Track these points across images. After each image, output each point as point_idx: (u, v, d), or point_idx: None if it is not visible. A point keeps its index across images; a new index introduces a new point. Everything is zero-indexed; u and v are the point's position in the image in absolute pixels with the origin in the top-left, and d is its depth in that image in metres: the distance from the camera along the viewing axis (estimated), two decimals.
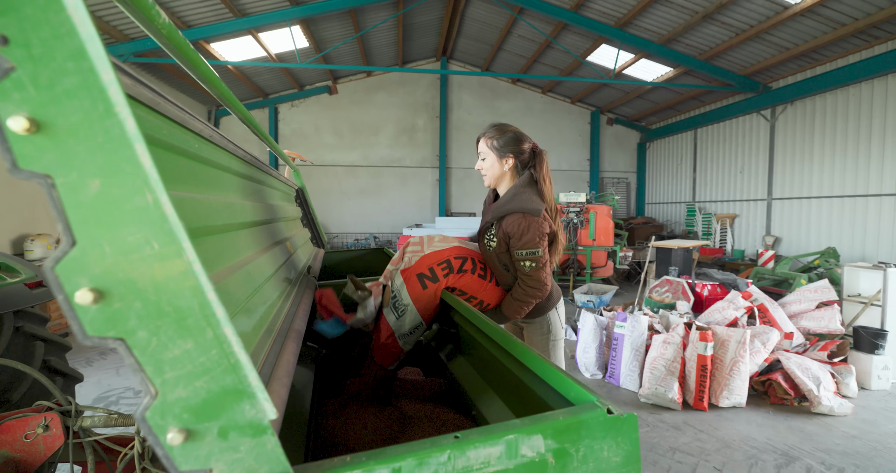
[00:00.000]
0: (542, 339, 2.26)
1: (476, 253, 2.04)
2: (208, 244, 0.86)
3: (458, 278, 1.93)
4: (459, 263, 1.93)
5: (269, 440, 0.53)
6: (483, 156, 2.15)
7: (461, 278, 1.94)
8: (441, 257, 1.92)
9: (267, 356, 0.93)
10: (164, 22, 0.77)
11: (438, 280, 1.86)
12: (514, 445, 0.67)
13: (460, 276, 1.93)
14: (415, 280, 1.85)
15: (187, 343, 0.49)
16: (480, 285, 2.01)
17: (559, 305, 2.30)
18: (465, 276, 1.95)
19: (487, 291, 2.05)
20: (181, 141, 0.86)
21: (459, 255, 1.95)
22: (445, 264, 1.90)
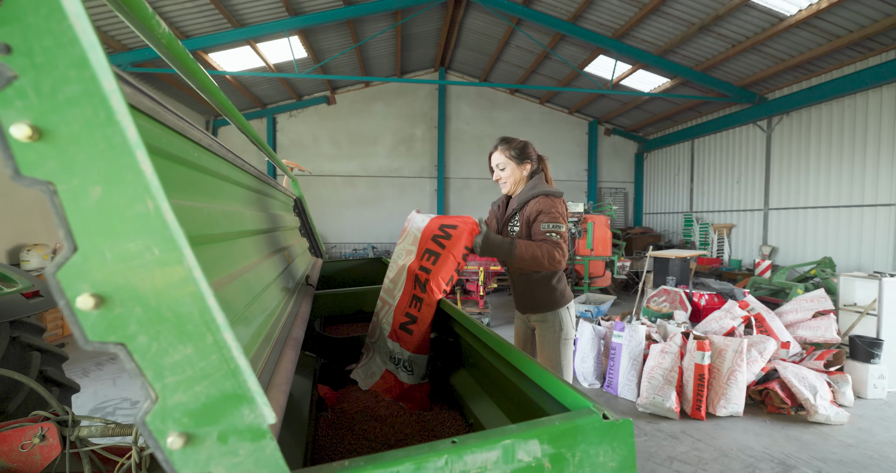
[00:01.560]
0: (553, 337, 2.37)
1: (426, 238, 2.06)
2: (208, 252, 0.87)
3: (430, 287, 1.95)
4: (424, 277, 1.96)
5: (268, 444, 0.54)
6: (503, 166, 2.44)
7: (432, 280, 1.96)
8: (407, 298, 1.97)
9: (266, 363, 0.93)
10: (163, 32, 0.78)
11: (421, 312, 1.91)
12: (510, 450, 0.67)
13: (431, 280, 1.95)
14: (402, 334, 1.92)
15: (187, 348, 0.50)
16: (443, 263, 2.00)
17: (570, 305, 2.44)
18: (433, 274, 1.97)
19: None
20: (181, 150, 0.87)
21: (414, 271, 1.99)
22: (417, 290, 1.95)
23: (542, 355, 2.41)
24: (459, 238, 1.99)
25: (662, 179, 15.85)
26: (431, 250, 1.99)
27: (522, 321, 2.60)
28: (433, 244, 2.00)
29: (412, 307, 1.92)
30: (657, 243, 14.00)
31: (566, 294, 2.42)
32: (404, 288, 1.97)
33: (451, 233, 2.01)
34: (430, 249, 1.99)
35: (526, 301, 2.46)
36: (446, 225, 2.04)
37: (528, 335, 2.59)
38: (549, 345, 2.38)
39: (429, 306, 1.90)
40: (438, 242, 1.99)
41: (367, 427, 1.56)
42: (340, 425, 1.58)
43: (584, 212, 9.49)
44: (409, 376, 1.88)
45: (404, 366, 1.88)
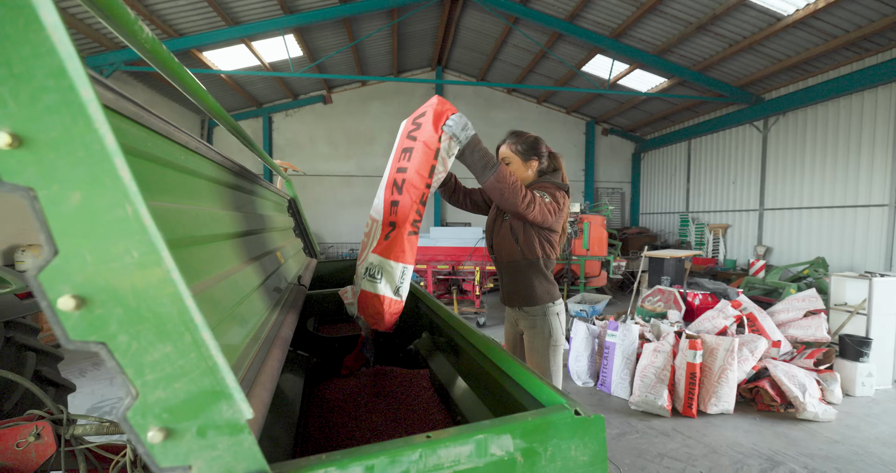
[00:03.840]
0: (543, 344, 2.28)
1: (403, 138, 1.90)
2: (192, 254, 0.89)
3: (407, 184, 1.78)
4: (402, 178, 1.78)
5: (245, 438, 0.56)
6: (507, 161, 2.33)
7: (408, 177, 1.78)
8: (388, 206, 1.80)
9: (252, 362, 0.95)
10: (147, 36, 0.80)
11: (398, 215, 1.76)
12: (483, 444, 0.70)
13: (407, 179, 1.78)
14: (382, 242, 1.78)
15: (166, 347, 0.52)
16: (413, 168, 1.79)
17: (560, 312, 2.35)
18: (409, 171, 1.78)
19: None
20: (165, 153, 0.89)
21: (392, 175, 1.83)
22: (394, 194, 1.79)
23: (531, 361, 2.32)
24: (429, 122, 1.78)
25: (659, 179, 15.90)
26: (406, 148, 1.83)
27: (511, 325, 2.50)
28: (407, 141, 1.84)
29: (392, 214, 1.77)
30: (653, 243, 14.05)
31: (553, 292, 2.32)
32: (384, 197, 1.82)
33: (420, 122, 1.82)
34: (405, 147, 1.83)
35: (513, 293, 2.34)
36: (417, 116, 1.86)
37: (518, 340, 2.49)
38: (537, 352, 2.29)
39: (404, 207, 1.75)
40: (412, 136, 1.82)
41: (356, 423, 1.58)
42: (331, 420, 1.61)
43: (580, 212, 9.52)
44: (373, 283, 1.75)
45: (370, 274, 1.76)
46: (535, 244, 2.23)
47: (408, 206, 1.75)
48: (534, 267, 2.26)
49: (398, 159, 1.84)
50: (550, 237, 2.26)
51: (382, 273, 1.76)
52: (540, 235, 2.24)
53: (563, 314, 2.36)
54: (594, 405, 4.33)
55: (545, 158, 2.38)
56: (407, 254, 1.77)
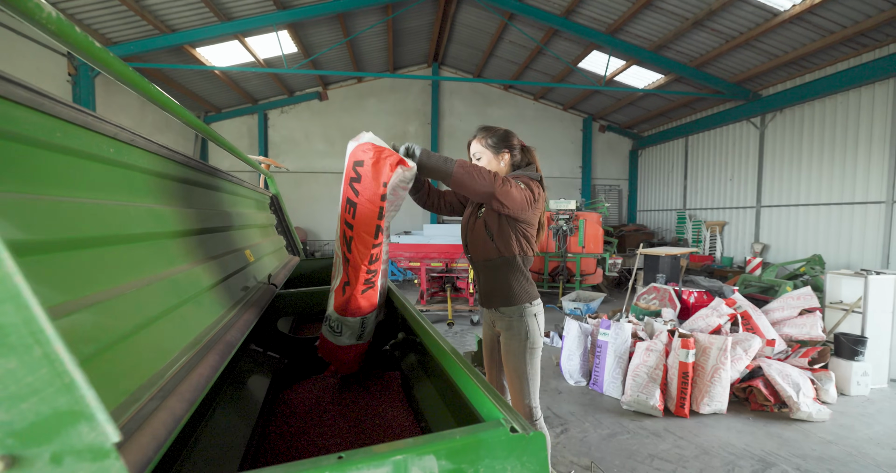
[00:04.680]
0: (519, 346, 2.22)
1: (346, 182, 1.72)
2: (92, 255, 0.82)
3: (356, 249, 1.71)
4: (349, 235, 1.71)
5: (112, 464, 0.49)
6: (479, 155, 2.29)
7: (356, 244, 1.71)
8: (340, 247, 1.75)
9: (178, 371, 0.88)
10: (49, 15, 0.73)
11: (349, 275, 1.73)
12: (402, 466, 0.63)
13: (355, 246, 1.71)
14: (337, 292, 1.77)
15: (10, 362, 0.45)
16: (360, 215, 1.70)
17: (539, 313, 2.28)
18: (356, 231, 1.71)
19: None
20: (80, 143, 0.82)
21: (341, 225, 1.74)
22: (344, 248, 1.73)
23: (508, 364, 2.25)
24: (369, 177, 1.62)
25: (656, 176, 15.83)
26: (350, 200, 1.67)
27: (489, 326, 2.44)
28: (350, 191, 1.67)
29: (346, 266, 1.72)
30: (650, 241, 14.01)
31: (532, 292, 2.25)
32: (340, 245, 1.74)
33: (360, 173, 1.63)
34: (349, 198, 1.67)
35: (490, 293, 2.27)
36: (356, 161, 1.66)
37: (495, 342, 2.43)
38: (514, 355, 2.22)
39: (355, 268, 1.69)
40: (354, 187, 1.65)
41: (320, 430, 1.52)
42: (294, 426, 1.54)
43: (575, 209, 9.45)
44: (334, 336, 1.76)
45: (330, 325, 1.76)
46: (512, 241, 2.16)
47: (357, 266, 1.69)
48: (510, 265, 2.19)
49: (344, 209, 1.70)
50: (527, 232, 2.20)
51: (343, 327, 1.75)
52: (516, 230, 2.17)
53: (542, 315, 2.29)
54: (586, 405, 4.27)
55: (517, 151, 2.32)
56: (364, 307, 1.75)
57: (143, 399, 0.74)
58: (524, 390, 2.25)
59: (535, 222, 2.22)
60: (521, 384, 2.24)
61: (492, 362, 2.50)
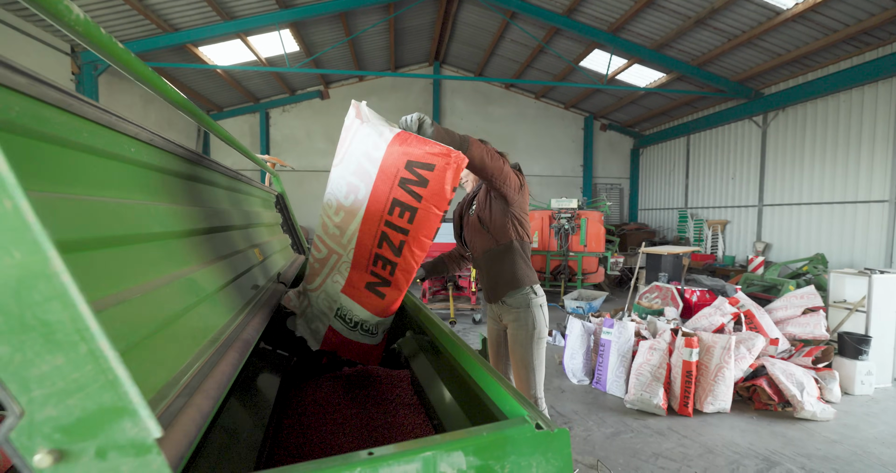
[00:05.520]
0: (526, 336, 2.31)
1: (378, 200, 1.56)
2: (125, 254, 0.83)
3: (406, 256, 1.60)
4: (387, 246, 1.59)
5: (154, 459, 0.50)
6: None
7: (409, 252, 1.59)
8: (366, 252, 1.62)
9: (201, 368, 0.90)
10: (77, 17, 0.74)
11: (390, 284, 1.64)
12: (431, 462, 0.64)
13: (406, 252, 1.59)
14: (366, 295, 1.67)
15: (57, 359, 0.46)
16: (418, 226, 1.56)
17: (544, 305, 2.38)
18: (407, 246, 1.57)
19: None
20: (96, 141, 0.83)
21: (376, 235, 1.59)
22: (380, 261, 1.61)
23: (515, 354, 2.35)
24: (440, 184, 1.46)
25: (658, 175, 15.82)
26: (403, 203, 1.50)
27: (495, 322, 2.54)
28: (403, 194, 1.49)
29: (380, 267, 1.61)
30: (651, 240, 14.01)
31: (533, 276, 2.38)
32: (358, 240, 1.60)
33: (427, 177, 1.46)
34: (399, 200, 1.50)
35: (495, 283, 2.36)
36: (417, 163, 1.47)
37: (501, 337, 2.54)
38: (521, 344, 2.32)
39: (405, 272, 1.60)
40: (411, 190, 1.48)
41: (332, 428, 1.52)
42: (306, 424, 1.55)
43: (577, 208, 9.46)
44: (369, 337, 1.73)
45: (363, 328, 1.71)
46: (508, 227, 2.29)
47: (410, 269, 1.60)
48: (511, 250, 2.31)
49: (386, 210, 1.53)
50: (521, 217, 2.32)
51: (380, 327, 1.74)
52: (510, 216, 2.28)
53: (546, 307, 2.39)
54: (589, 404, 4.28)
55: None
56: (397, 304, 1.72)
57: (170, 396, 0.75)
58: (530, 380, 2.34)
59: (526, 208, 2.33)
60: (528, 375, 2.33)
61: (497, 358, 2.58)
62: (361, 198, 1.57)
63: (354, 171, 1.59)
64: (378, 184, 1.53)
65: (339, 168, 1.66)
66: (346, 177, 1.62)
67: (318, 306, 1.80)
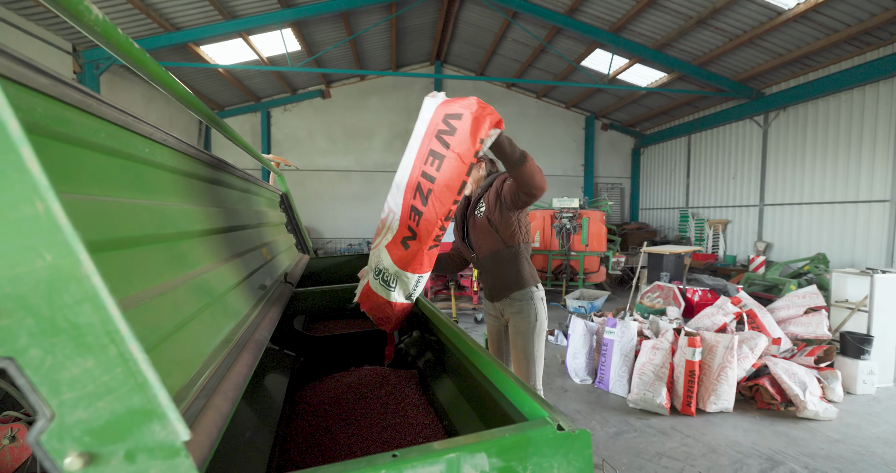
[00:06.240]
0: (528, 327, 2.40)
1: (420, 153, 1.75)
2: (144, 254, 0.83)
3: (431, 206, 1.69)
4: (419, 196, 1.71)
5: (182, 462, 0.50)
6: None
7: (434, 203, 1.68)
8: (405, 210, 1.77)
9: (217, 369, 0.89)
10: (96, 18, 0.74)
11: (417, 236, 1.74)
12: (455, 464, 0.64)
13: (431, 201, 1.68)
14: (399, 249, 1.79)
15: (87, 362, 0.46)
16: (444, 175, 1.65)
17: (543, 298, 2.50)
18: (434, 194, 1.67)
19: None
20: (115, 143, 0.83)
21: (412, 187, 1.74)
22: (412, 213, 1.74)
23: (517, 346, 2.43)
24: (466, 131, 1.54)
25: (659, 174, 15.82)
26: (435, 152, 1.63)
27: (495, 319, 2.62)
28: (437, 143, 1.63)
29: (413, 221, 1.70)
30: (653, 239, 14.01)
31: (536, 276, 2.49)
32: (404, 195, 1.73)
33: (454, 125, 1.58)
34: (433, 149, 1.64)
35: (500, 284, 2.46)
36: (450, 114, 1.61)
37: (502, 333, 2.62)
38: (522, 336, 2.40)
39: (428, 222, 1.65)
40: (442, 139, 1.61)
41: (341, 429, 1.52)
42: (315, 425, 1.55)
43: (579, 207, 9.46)
44: (386, 290, 1.78)
45: (384, 279, 1.78)
46: (516, 230, 2.38)
47: (432, 221, 1.66)
48: (517, 253, 2.41)
49: (423, 160, 1.68)
50: (525, 220, 2.44)
51: (398, 282, 1.78)
52: (518, 220, 2.38)
53: (544, 301, 2.51)
54: (592, 403, 4.28)
55: (488, 162, 2.58)
56: (425, 265, 1.79)
57: (188, 398, 0.75)
58: (530, 371, 2.41)
59: (527, 210, 2.44)
60: (528, 366, 2.41)
61: (498, 355, 2.68)
62: (412, 155, 1.74)
63: (414, 135, 1.79)
64: (424, 140, 1.70)
65: (413, 136, 1.82)
66: (410, 143, 1.83)
67: (370, 262, 1.91)
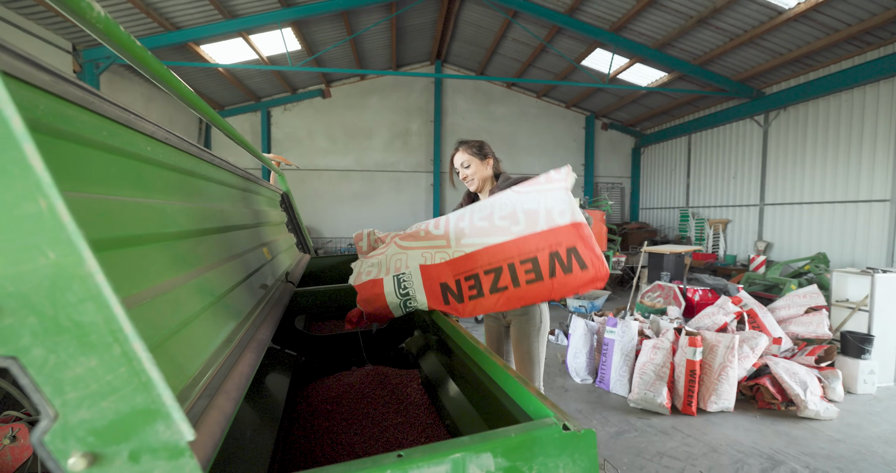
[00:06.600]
0: (533, 328, 2.41)
1: (523, 246, 1.65)
2: (146, 253, 0.82)
3: (495, 299, 1.68)
4: (491, 279, 1.67)
5: (187, 462, 0.50)
6: (467, 164, 2.53)
7: (499, 300, 1.68)
8: (469, 266, 1.71)
9: (219, 369, 0.89)
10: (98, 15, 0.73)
11: (463, 301, 1.71)
12: (461, 464, 0.63)
13: (497, 297, 1.67)
14: (436, 290, 1.75)
15: (91, 361, 0.45)
16: (528, 292, 1.66)
17: None
18: (504, 295, 1.67)
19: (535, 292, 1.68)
20: (118, 141, 0.82)
21: (492, 265, 1.67)
22: (473, 282, 1.70)
23: (521, 347, 2.43)
24: (575, 284, 1.60)
25: (659, 174, 15.81)
26: (537, 267, 1.61)
27: (495, 320, 2.62)
28: (545, 262, 1.60)
29: (466, 285, 1.68)
30: (653, 239, 14.01)
31: None
32: (476, 252, 1.68)
33: (573, 269, 1.58)
34: (538, 262, 1.61)
35: None
36: (577, 255, 1.58)
37: (503, 334, 2.63)
38: (527, 336, 2.41)
39: (481, 306, 1.67)
40: (553, 265, 1.59)
41: (343, 429, 1.52)
42: (316, 426, 1.55)
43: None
44: (400, 311, 1.79)
45: (407, 304, 1.77)
46: None
47: (486, 307, 1.69)
48: None
49: (521, 256, 1.62)
50: None
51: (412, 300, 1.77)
52: None
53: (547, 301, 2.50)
54: (592, 403, 4.28)
55: (495, 159, 2.59)
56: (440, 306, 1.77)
57: (191, 398, 0.74)
58: (533, 373, 2.43)
59: None
60: (531, 367, 2.42)
61: (498, 354, 2.63)
62: (514, 231, 1.65)
63: (529, 209, 1.67)
64: (536, 236, 1.62)
65: (520, 195, 1.72)
66: (519, 205, 1.69)
67: (385, 257, 1.88)
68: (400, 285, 1.79)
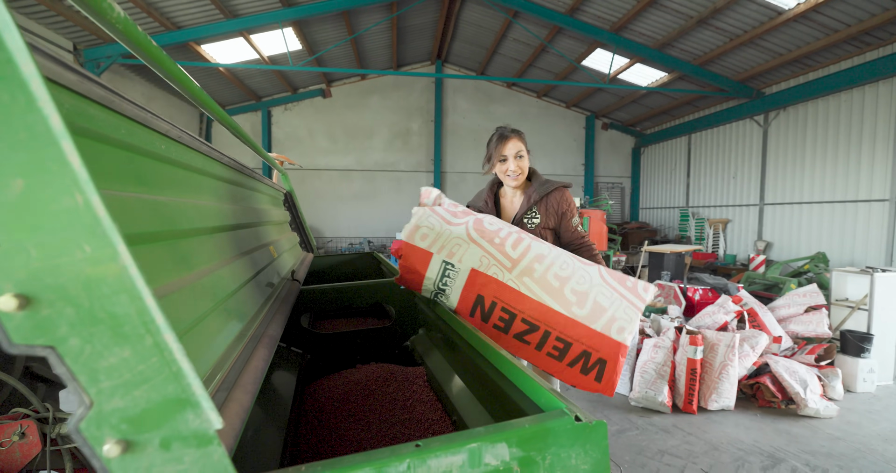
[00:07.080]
0: None
1: (570, 329, 1.61)
2: (167, 248, 0.84)
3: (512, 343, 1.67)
4: (524, 329, 1.64)
5: (215, 450, 0.51)
6: (522, 154, 2.43)
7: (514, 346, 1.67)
8: (514, 303, 1.64)
9: (234, 363, 0.91)
10: (118, 16, 0.75)
11: (486, 324, 1.67)
12: (477, 453, 0.65)
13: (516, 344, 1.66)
14: (471, 299, 1.68)
15: (124, 351, 0.47)
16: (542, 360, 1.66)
17: None
18: (523, 347, 1.65)
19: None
20: (137, 140, 0.84)
21: (535, 320, 1.63)
22: (508, 317, 1.65)
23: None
24: (581, 384, 1.61)
25: (659, 174, 15.84)
26: (565, 352, 1.62)
27: None
28: (576, 352, 1.61)
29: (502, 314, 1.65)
30: (653, 238, 14.03)
31: None
32: (520, 300, 1.64)
33: (591, 373, 1.61)
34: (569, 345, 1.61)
35: None
36: (605, 367, 1.60)
37: None
38: None
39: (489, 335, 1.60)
40: (585, 361, 1.60)
41: (350, 425, 1.53)
42: (324, 422, 1.56)
43: (579, 207, 9.47)
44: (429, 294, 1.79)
45: (436, 295, 1.75)
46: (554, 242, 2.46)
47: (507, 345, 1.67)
48: None
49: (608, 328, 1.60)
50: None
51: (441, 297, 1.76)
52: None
53: None
54: (594, 401, 4.29)
55: None
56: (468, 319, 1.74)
57: (210, 390, 0.76)
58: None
59: None
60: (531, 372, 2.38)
61: None
62: (574, 312, 1.62)
63: (599, 304, 1.63)
64: (587, 329, 1.60)
65: (604, 286, 1.67)
66: (595, 292, 1.65)
67: (449, 232, 1.79)
68: (444, 275, 1.73)
